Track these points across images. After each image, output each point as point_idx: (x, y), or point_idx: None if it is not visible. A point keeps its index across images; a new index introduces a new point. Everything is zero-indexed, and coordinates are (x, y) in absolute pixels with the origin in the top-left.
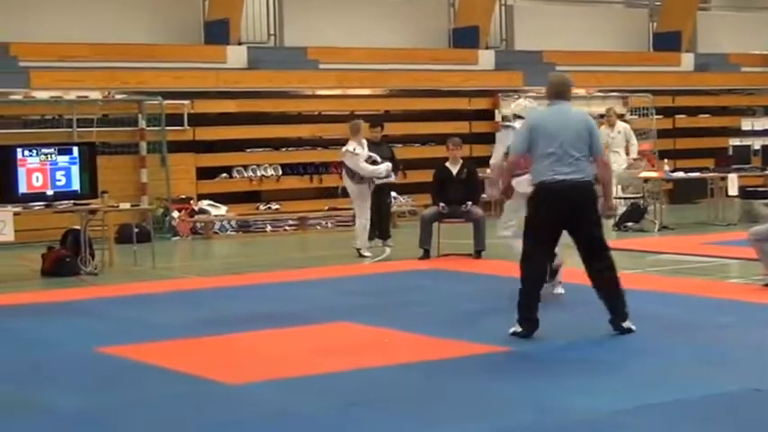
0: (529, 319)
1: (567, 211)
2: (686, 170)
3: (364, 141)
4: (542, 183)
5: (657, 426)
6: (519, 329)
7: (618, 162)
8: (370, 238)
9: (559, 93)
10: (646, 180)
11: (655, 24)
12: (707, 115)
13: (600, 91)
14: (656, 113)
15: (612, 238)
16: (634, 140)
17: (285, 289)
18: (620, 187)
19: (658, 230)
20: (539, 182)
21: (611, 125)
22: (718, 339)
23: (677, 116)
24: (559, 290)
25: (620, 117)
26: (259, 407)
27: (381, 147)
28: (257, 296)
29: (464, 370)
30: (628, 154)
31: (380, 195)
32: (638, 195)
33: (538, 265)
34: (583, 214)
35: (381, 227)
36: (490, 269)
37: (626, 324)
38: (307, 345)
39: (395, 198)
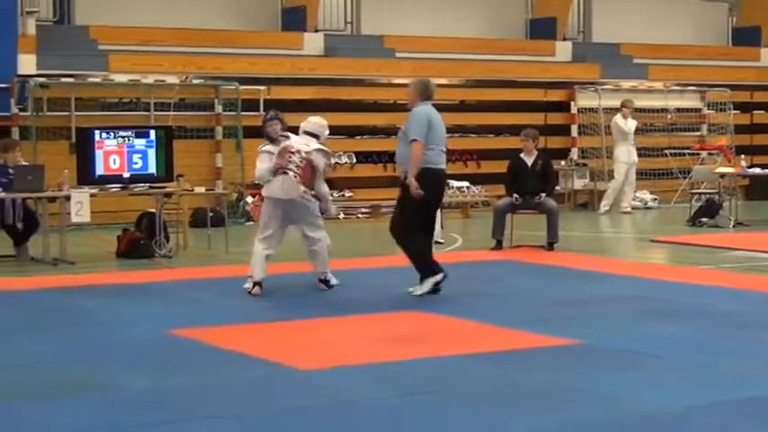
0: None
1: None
2: (763, 166)
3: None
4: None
5: (732, 423)
6: (440, 277)
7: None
8: None
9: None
10: (722, 175)
11: (734, 19)
12: None
13: (677, 85)
14: (734, 108)
15: (687, 233)
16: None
17: (357, 276)
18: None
19: (733, 227)
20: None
21: (625, 117)
22: None
23: (755, 112)
24: (334, 280)
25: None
26: (329, 393)
27: None
28: None
29: (533, 362)
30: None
31: None
32: (714, 191)
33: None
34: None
35: None
36: (562, 261)
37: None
38: (378, 332)
39: (468, 188)
